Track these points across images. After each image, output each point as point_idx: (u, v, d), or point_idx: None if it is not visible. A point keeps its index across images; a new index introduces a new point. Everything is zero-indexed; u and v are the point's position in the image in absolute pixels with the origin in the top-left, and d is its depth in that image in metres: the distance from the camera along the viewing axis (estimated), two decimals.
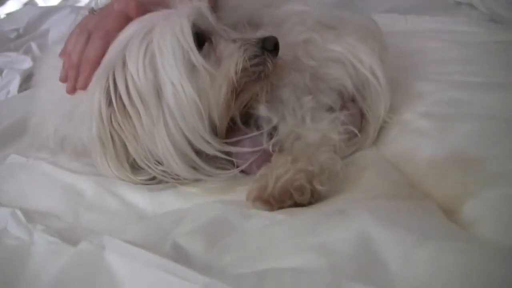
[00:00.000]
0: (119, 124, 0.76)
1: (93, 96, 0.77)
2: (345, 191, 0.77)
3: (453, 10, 1.51)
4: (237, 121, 0.86)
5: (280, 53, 0.87)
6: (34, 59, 1.42)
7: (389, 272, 0.54)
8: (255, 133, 0.84)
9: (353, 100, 0.93)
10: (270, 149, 0.82)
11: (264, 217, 0.68)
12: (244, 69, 0.79)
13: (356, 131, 0.88)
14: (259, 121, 0.85)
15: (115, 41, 0.80)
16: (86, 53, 0.83)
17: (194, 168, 0.80)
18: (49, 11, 1.78)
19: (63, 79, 0.86)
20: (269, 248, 0.60)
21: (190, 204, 0.77)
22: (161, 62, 0.76)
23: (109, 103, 0.76)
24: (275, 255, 0.59)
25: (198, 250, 0.62)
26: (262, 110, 0.84)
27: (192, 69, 0.77)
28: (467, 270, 0.52)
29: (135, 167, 0.80)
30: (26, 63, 1.37)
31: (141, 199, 0.80)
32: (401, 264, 0.55)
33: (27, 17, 1.75)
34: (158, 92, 0.76)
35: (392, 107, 0.93)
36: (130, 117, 0.76)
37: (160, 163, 0.79)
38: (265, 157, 0.83)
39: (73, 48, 0.85)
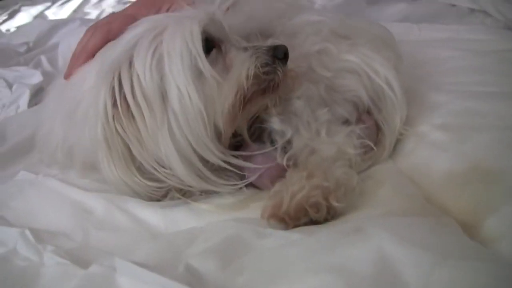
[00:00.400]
0: (122, 126, 0.75)
1: (98, 94, 0.75)
2: (361, 207, 0.75)
3: (466, 18, 1.49)
4: (244, 135, 0.85)
5: (294, 64, 0.86)
6: (44, 73, 1.40)
7: None
8: (268, 149, 0.83)
9: (368, 112, 0.91)
10: (284, 163, 0.80)
11: (279, 236, 0.66)
12: (255, 76, 0.78)
13: (372, 145, 0.86)
14: (272, 134, 0.83)
15: (122, 38, 0.79)
16: (85, 44, 0.86)
17: (199, 176, 0.79)
18: (58, 24, 1.78)
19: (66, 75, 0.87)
20: (285, 268, 0.59)
21: (203, 221, 0.76)
22: (168, 65, 0.74)
23: (114, 103, 0.75)
24: (291, 276, 0.57)
25: (211, 271, 0.61)
26: (275, 123, 0.82)
27: (199, 75, 0.75)
28: None
29: (142, 171, 0.78)
30: (36, 78, 1.36)
31: (153, 215, 0.78)
32: (422, 285, 0.53)
33: (37, 31, 1.75)
34: (163, 96, 0.74)
35: (407, 118, 0.92)
36: (134, 118, 0.75)
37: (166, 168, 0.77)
38: (279, 172, 0.81)
39: (80, 41, 0.87)
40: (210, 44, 0.80)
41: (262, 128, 0.85)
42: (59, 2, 2.35)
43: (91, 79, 0.80)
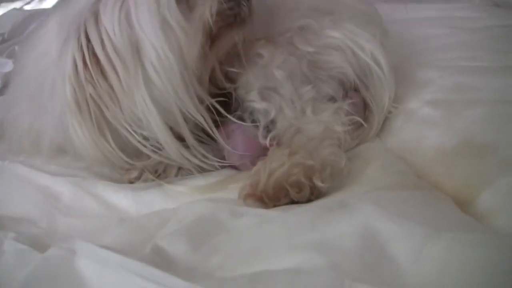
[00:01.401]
0: (93, 85, 0.70)
1: (65, 55, 0.71)
2: (348, 185, 0.70)
3: None
4: (221, 81, 0.79)
5: (275, 39, 0.81)
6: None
7: (398, 269, 0.48)
8: (248, 124, 0.78)
9: (355, 89, 0.88)
10: (267, 144, 0.76)
11: (256, 215, 0.61)
12: (219, 13, 0.74)
13: (362, 121, 0.82)
14: (254, 113, 0.79)
15: None
16: None
17: (179, 138, 0.74)
18: (34, 14, 1.71)
19: None
20: (261, 248, 0.54)
21: (177, 204, 0.70)
22: (136, 16, 0.70)
23: (83, 61, 0.70)
24: (268, 256, 0.52)
25: (181, 252, 0.56)
26: (257, 102, 0.78)
27: (166, 21, 0.71)
28: (483, 264, 0.47)
29: (116, 139, 0.74)
30: (8, 66, 1.30)
31: (124, 199, 0.74)
32: (411, 259, 0.49)
33: (11, 21, 1.68)
34: (136, 48, 0.70)
35: (395, 96, 0.88)
36: (106, 76, 0.70)
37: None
38: (261, 152, 0.76)
39: None
40: None
41: (242, 106, 0.81)
42: None
43: (54, 47, 0.74)
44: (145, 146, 0.74)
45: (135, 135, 0.73)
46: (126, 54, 0.70)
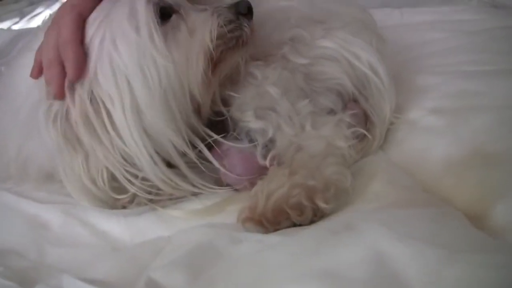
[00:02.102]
0: (83, 121, 0.69)
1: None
2: (352, 203, 0.67)
3: (451, 1, 1.40)
4: (219, 104, 0.76)
5: (265, 53, 0.78)
6: None
7: None
8: (245, 145, 0.74)
9: (354, 100, 0.83)
10: (268, 164, 0.72)
11: (256, 241, 0.57)
12: (221, 36, 0.72)
13: (366, 132, 0.78)
14: (251, 133, 0.75)
15: None
16: (60, 40, 0.72)
17: (172, 174, 0.71)
18: (20, 34, 1.68)
19: (35, 73, 0.75)
20: (262, 278, 0.49)
21: (173, 230, 0.67)
22: (114, 47, 0.68)
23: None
24: (271, 286, 0.47)
25: (177, 285, 0.51)
26: (252, 122, 0.74)
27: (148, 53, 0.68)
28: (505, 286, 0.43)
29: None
30: None
31: (116, 226, 0.70)
32: (427, 285, 0.45)
33: None
34: (124, 77, 0.68)
35: (396, 105, 0.84)
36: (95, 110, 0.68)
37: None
38: (260, 171, 0.72)
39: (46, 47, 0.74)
40: (168, 11, 0.72)
41: (238, 126, 0.77)
42: (27, 17, 2.25)
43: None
44: (133, 184, 0.71)
45: (125, 173, 0.70)
46: (111, 89, 0.68)
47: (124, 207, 0.73)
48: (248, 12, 0.74)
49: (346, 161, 0.73)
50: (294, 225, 0.63)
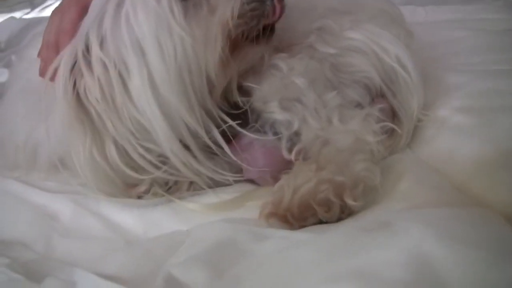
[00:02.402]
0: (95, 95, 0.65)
1: (65, 66, 0.65)
2: (381, 202, 0.63)
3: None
4: (236, 97, 0.72)
5: (291, 42, 0.74)
6: None
7: None
8: (269, 137, 0.71)
9: (381, 96, 0.80)
10: (293, 158, 0.68)
11: (282, 237, 0.53)
12: (241, 15, 0.67)
13: (395, 127, 0.74)
14: (275, 125, 0.71)
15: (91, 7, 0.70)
16: (61, 27, 0.72)
17: (188, 149, 0.68)
18: (30, 24, 1.64)
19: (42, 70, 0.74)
20: (291, 278, 0.46)
21: (189, 224, 0.63)
22: (134, 17, 0.64)
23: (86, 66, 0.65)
24: (302, 286, 0.44)
25: (199, 283, 0.48)
26: (278, 113, 0.70)
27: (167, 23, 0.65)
28: None
29: (119, 153, 0.68)
30: (4, 76, 1.23)
31: (129, 218, 0.67)
32: None
33: (8, 31, 1.62)
34: (140, 50, 0.65)
35: (423, 102, 0.81)
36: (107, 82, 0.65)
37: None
38: (283, 166, 0.69)
39: (48, 30, 0.74)
40: None
41: (261, 118, 0.73)
42: (38, 8, 2.22)
43: None
44: (146, 160, 0.67)
45: (138, 147, 0.66)
46: (128, 56, 0.64)
47: (139, 197, 0.70)
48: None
49: (375, 158, 0.69)
50: (320, 222, 0.60)
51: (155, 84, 0.65)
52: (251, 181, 0.72)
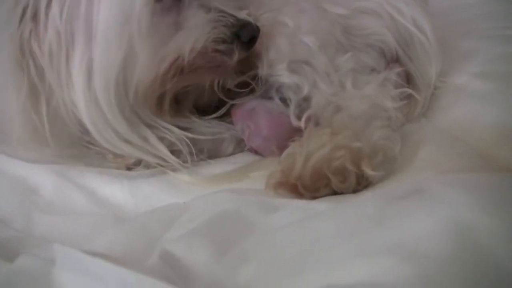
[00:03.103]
0: (39, 44, 0.58)
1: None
2: (402, 172, 0.56)
3: None
4: (165, 104, 0.66)
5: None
6: None
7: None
8: (275, 102, 0.65)
9: (397, 61, 0.74)
10: (302, 125, 0.62)
11: (296, 208, 0.46)
12: (202, 53, 0.61)
13: (414, 93, 0.68)
14: (283, 90, 0.66)
15: None
16: None
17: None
18: None
19: None
20: (312, 253, 0.38)
21: (186, 198, 0.56)
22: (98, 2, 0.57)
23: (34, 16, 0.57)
24: (324, 265, 0.37)
25: (200, 261, 0.41)
26: (286, 76, 0.64)
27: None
28: None
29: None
30: None
31: (119, 192, 0.61)
32: None
33: None
34: (90, 36, 0.58)
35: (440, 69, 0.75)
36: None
37: None
38: (290, 134, 0.62)
39: None
40: None
41: (268, 82, 0.67)
42: None
43: None
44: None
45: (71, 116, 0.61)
46: (77, 34, 0.58)
47: (129, 169, 0.63)
48: (249, 41, 0.63)
49: (393, 124, 0.63)
50: (334, 193, 0.53)
51: (91, 72, 0.58)
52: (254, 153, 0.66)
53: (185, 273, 0.40)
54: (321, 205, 0.46)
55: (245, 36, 0.62)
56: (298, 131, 0.62)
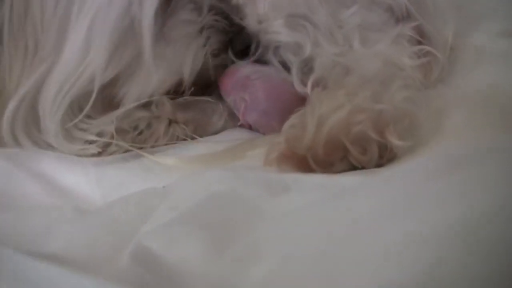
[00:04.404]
0: None
1: None
2: (429, 142, 0.46)
3: None
4: None
5: None
6: None
7: None
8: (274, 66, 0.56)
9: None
10: (308, 90, 0.53)
11: (314, 185, 0.35)
12: (201, 73, 0.55)
13: (433, 51, 0.59)
14: (281, 51, 0.56)
15: None
16: None
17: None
18: None
19: None
20: (349, 244, 0.27)
21: (166, 181, 0.44)
22: None
23: None
24: (368, 259, 0.26)
25: (188, 258, 0.30)
26: (285, 34, 0.55)
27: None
28: None
29: None
30: None
31: (82, 179, 0.49)
32: None
33: None
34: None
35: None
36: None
37: None
38: (294, 105, 0.51)
39: None
40: None
41: (262, 42, 0.57)
42: None
43: None
44: None
45: None
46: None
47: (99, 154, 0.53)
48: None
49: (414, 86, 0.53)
50: (351, 168, 0.42)
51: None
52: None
53: (166, 274, 0.29)
54: (348, 180, 0.35)
55: (239, 45, 0.56)
56: (302, 101, 0.51)
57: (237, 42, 0.56)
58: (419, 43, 0.65)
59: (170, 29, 0.54)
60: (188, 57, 0.54)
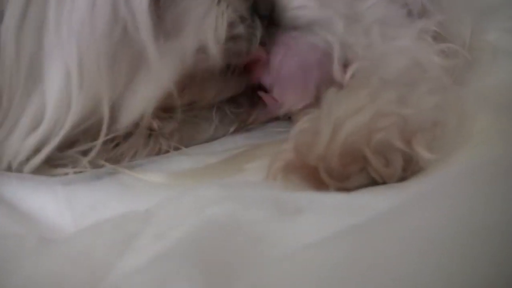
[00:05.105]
0: None
1: None
2: (455, 150, 0.40)
3: None
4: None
5: None
6: None
7: None
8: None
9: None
10: (347, 78, 0.47)
11: (335, 207, 0.27)
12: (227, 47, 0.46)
13: (461, 50, 0.55)
14: (313, 27, 0.50)
15: None
16: None
17: None
18: None
19: None
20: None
21: (150, 202, 0.37)
22: None
23: None
24: None
25: None
26: (316, 8, 0.49)
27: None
28: None
29: None
30: None
31: (50, 203, 0.42)
32: None
33: None
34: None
35: None
36: None
37: None
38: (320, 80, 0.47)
39: None
40: None
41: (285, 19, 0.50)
42: None
43: None
44: None
45: None
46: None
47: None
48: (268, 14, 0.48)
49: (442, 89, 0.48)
50: (370, 183, 0.36)
51: None
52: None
53: None
54: (377, 201, 0.28)
55: (264, 7, 0.48)
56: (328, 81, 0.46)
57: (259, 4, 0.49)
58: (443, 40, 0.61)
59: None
60: (209, 27, 0.46)
